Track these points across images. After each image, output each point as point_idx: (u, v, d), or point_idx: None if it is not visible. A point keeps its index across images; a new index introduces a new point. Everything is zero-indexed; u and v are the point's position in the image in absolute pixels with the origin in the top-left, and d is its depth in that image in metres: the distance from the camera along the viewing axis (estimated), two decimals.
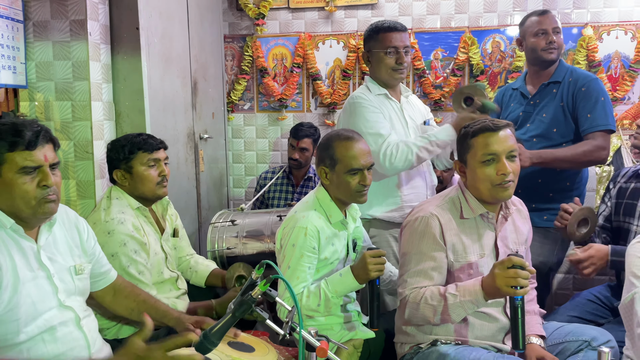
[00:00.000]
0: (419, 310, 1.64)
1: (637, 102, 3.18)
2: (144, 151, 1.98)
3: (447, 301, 1.60)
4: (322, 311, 1.77)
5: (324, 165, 1.87)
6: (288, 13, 3.57)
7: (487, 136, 1.68)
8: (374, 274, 1.72)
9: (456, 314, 1.60)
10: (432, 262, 1.68)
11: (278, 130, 3.68)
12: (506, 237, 1.80)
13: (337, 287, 1.76)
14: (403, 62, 2.32)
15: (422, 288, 1.66)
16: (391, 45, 2.31)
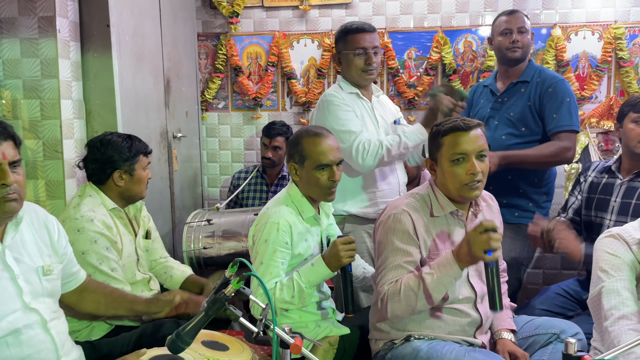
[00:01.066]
0: (402, 301, 1.63)
1: (604, 101, 3.27)
2: (145, 155, 2.05)
3: (425, 282, 1.61)
4: (296, 303, 1.76)
5: (294, 162, 1.87)
6: (262, 12, 3.56)
7: (458, 135, 1.69)
8: (345, 260, 1.74)
9: (437, 291, 1.60)
10: (407, 256, 1.70)
11: (253, 129, 3.67)
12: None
13: (309, 277, 1.76)
14: (372, 63, 2.34)
15: (399, 279, 1.67)
16: (359, 47, 2.33)
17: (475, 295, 1.77)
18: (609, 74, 3.27)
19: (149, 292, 2.07)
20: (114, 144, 1.98)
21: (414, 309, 1.64)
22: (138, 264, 2.06)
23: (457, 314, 1.75)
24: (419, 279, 1.63)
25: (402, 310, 1.65)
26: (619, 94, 3.27)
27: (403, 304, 1.63)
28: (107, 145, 1.98)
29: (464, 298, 1.75)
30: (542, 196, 2.58)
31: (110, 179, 1.98)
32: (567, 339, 1.19)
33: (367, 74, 2.37)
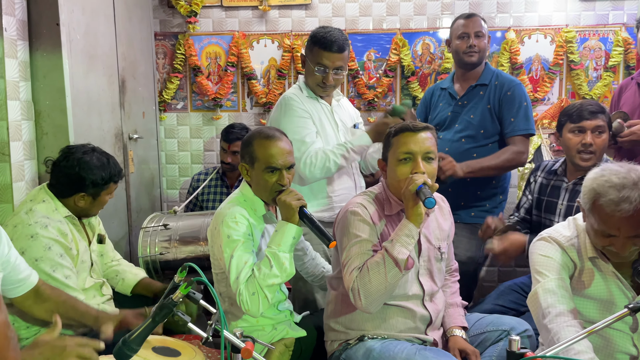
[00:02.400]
0: (372, 280, 1.63)
1: (556, 103, 3.38)
2: (115, 183, 2.00)
3: (387, 250, 1.63)
4: (279, 272, 1.69)
5: (245, 162, 1.86)
6: (221, 11, 3.52)
7: (406, 136, 1.74)
8: (295, 203, 1.73)
9: (401, 253, 1.61)
10: (368, 244, 1.72)
11: (213, 130, 3.63)
12: (428, 233, 1.85)
13: (278, 241, 1.72)
14: (328, 83, 2.31)
15: (364, 264, 1.68)
16: (321, 63, 2.29)
17: (424, 293, 1.81)
18: (561, 76, 3.38)
19: (101, 297, 2.03)
20: (90, 168, 1.91)
21: (386, 285, 1.62)
22: (91, 270, 2.01)
23: (406, 313, 1.78)
24: (381, 253, 1.66)
25: (375, 289, 1.63)
26: (570, 96, 3.39)
27: (374, 282, 1.63)
28: (82, 166, 1.90)
29: (413, 295, 1.79)
30: (497, 197, 2.65)
31: (72, 197, 1.93)
32: (511, 336, 1.22)
33: (321, 90, 2.36)
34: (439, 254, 1.86)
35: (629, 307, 1.29)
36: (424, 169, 1.70)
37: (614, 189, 1.42)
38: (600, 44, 3.33)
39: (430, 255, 1.84)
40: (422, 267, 1.82)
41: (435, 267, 1.85)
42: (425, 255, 1.83)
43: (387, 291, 1.65)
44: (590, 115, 2.12)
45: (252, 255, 1.75)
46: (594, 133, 2.12)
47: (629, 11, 3.28)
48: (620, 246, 1.49)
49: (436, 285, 1.85)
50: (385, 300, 1.70)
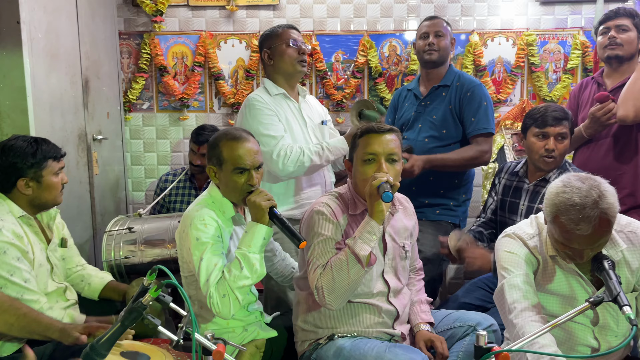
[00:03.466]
0: (335, 278, 1.66)
1: (518, 104, 3.47)
2: (54, 160, 1.92)
3: (349, 247, 1.66)
4: (249, 274, 1.69)
5: (212, 165, 1.85)
6: (188, 11, 3.48)
7: (370, 137, 1.79)
8: (265, 203, 1.73)
9: (362, 249, 1.64)
10: (332, 242, 1.76)
11: (180, 131, 3.58)
12: (393, 232, 1.89)
13: (248, 242, 1.72)
14: (305, 53, 2.40)
15: (328, 262, 1.71)
16: (292, 38, 2.39)
17: (389, 290, 1.85)
18: (522, 78, 3.48)
19: (65, 302, 1.97)
20: (16, 150, 1.86)
21: (349, 281, 1.66)
22: (52, 274, 1.95)
23: (372, 310, 1.82)
24: (344, 250, 1.69)
25: (339, 287, 1.66)
26: (532, 97, 3.49)
27: (338, 279, 1.66)
28: (8, 152, 1.85)
29: (378, 292, 1.83)
30: (461, 195, 2.71)
31: (15, 187, 1.87)
32: (478, 331, 1.25)
33: (301, 66, 2.40)
34: (403, 252, 1.91)
35: (589, 301, 1.34)
36: (387, 170, 1.75)
37: (575, 209, 1.46)
38: (559, 47, 3.45)
39: (395, 253, 1.88)
40: (387, 265, 1.86)
41: (400, 265, 1.89)
42: (390, 253, 1.87)
43: (350, 288, 1.68)
44: (555, 122, 2.18)
45: (221, 257, 1.73)
46: (557, 139, 2.19)
47: (587, 15, 3.40)
48: (578, 255, 1.55)
49: (401, 282, 1.90)
50: (348, 297, 1.73)
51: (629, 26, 2.43)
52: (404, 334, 1.85)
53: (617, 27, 2.44)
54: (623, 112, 2.31)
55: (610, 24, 2.46)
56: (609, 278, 1.41)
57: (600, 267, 1.48)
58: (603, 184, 1.50)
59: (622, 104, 2.31)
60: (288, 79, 2.43)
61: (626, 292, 1.65)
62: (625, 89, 2.32)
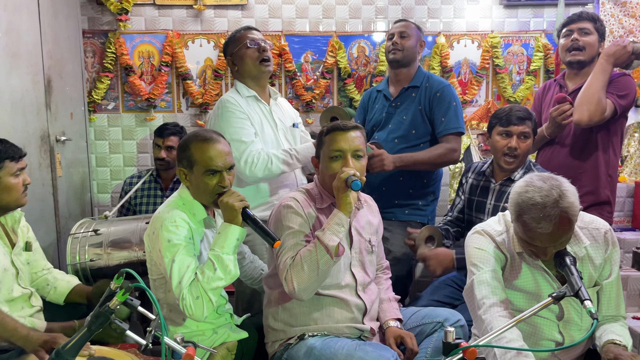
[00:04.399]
0: (304, 268, 1.71)
1: (483, 105, 3.55)
2: (12, 160, 1.86)
3: (318, 238, 1.72)
4: (223, 275, 1.67)
5: (183, 167, 1.83)
6: (154, 9, 3.43)
7: (337, 134, 1.85)
8: (238, 204, 1.72)
9: (331, 240, 1.71)
10: (301, 235, 1.80)
11: (146, 131, 3.52)
12: (360, 227, 1.94)
13: (222, 244, 1.70)
14: (265, 51, 2.39)
15: (298, 253, 1.75)
16: (252, 40, 2.39)
17: (356, 283, 1.88)
18: (487, 79, 3.56)
19: (30, 308, 1.92)
20: None
21: (318, 272, 1.71)
22: (17, 278, 1.90)
23: (341, 304, 1.85)
24: (313, 240, 1.75)
25: (308, 276, 1.71)
26: (496, 98, 3.57)
27: (307, 269, 1.71)
28: None
29: (346, 285, 1.86)
30: (430, 195, 2.75)
31: None
32: (448, 327, 1.28)
33: (264, 66, 2.39)
34: (369, 246, 1.95)
35: (552, 296, 1.38)
36: (353, 165, 1.81)
37: (536, 208, 1.51)
38: (522, 49, 3.54)
39: (361, 247, 1.93)
40: (354, 259, 1.90)
41: (366, 259, 1.94)
42: (356, 247, 1.91)
43: (319, 278, 1.73)
44: (518, 121, 2.25)
45: (194, 259, 1.72)
46: (519, 138, 2.25)
47: (548, 19, 3.50)
48: (542, 252, 1.60)
49: (368, 276, 1.93)
50: (317, 287, 1.77)
51: (590, 30, 2.50)
52: (373, 329, 1.88)
53: (579, 30, 2.50)
54: (578, 116, 2.39)
55: (573, 26, 2.53)
56: (571, 273, 1.45)
57: (563, 263, 1.52)
58: (564, 184, 1.55)
59: (577, 108, 2.39)
60: (256, 81, 2.43)
61: (589, 286, 1.71)
62: (580, 94, 2.40)
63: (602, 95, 2.35)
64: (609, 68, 2.36)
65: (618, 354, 1.52)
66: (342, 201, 1.74)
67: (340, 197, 1.74)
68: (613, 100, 2.40)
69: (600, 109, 2.35)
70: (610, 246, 1.72)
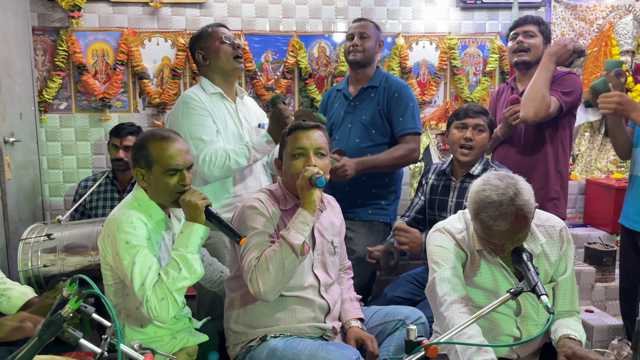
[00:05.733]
0: (270, 268, 1.68)
1: (441, 105, 3.61)
2: None
3: (283, 237, 1.70)
4: (188, 275, 1.64)
5: (140, 167, 1.77)
6: (108, 7, 3.33)
7: (298, 133, 1.85)
8: (201, 202, 1.69)
9: (296, 239, 1.70)
10: (266, 235, 1.78)
11: (101, 132, 3.41)
12: (322, 228, 1.93)
13: (185, 243, 1.67)
14: (240, 48, 2.38)
15: (262, 254, 1.73)
16: (226, 36, 2.37)
17: (319, 284, 1.88)
18: (445, 80, 3.62)
19: None
20: None
21: (284, 271, 1.69)
22: None
23: (304, 302, 1.84)
24: (278, 240, 1.73)
25: (274, 276, 1.69)
26: (454, 99, 3.64)
27: (272, 269, 1.69)
28: None
29: (309, 285, 1.86)
30: (392, 194, 2.78)
31: None
32: (409, 325, 1.29)
33: (238, 62, 2.38)
34: (332, 247, 1.95)
35: (510, 292, 1.41)
36: (316, 163, 1.80)
37: (493, 206, 1.55)
38: (478, 51, 3.62)
39: (323, 249, 1.92)
40: (316, 260, 1.90)
41: (329, 260, 1.93)
42: (319, 248, 1.90)
43: (285, 277, 1.71)
44: (474, 114, 2.36)
45: (155, 259, 1.67)
46: (475, 130, 2.34)
47: (503, 21, 3.60)
48: (500, 249, 1.64)
49: (330, 277, 1.93)
50: (282, 287, 1.75)
51: (535, 32, 2.62)
52: (335, 328, 1.88)
53: (524, 33, 2.62)
54: (524, 113, 2.49)
55: (518, 30, 2.65)
56: (527, 269, 1.49)
57: (519, 259, 1.56)
58: (520, 182, 1.59)
59: (523, 106, 2.49)
60: (226, 77, 2.40)
61: (545, 283, 1.76)
62: (526, 92, 2.50)
63: (545, 92, 2.45)
64: (551, 66, 2.46)
65: (574, 349, 1.57)
66: (306, 199, 1.73)
67: (304, 195, 1.74)
68: (558, 97, 2.49)
69: (545, 105, 2.44)
70: (565, 243, 1.77)
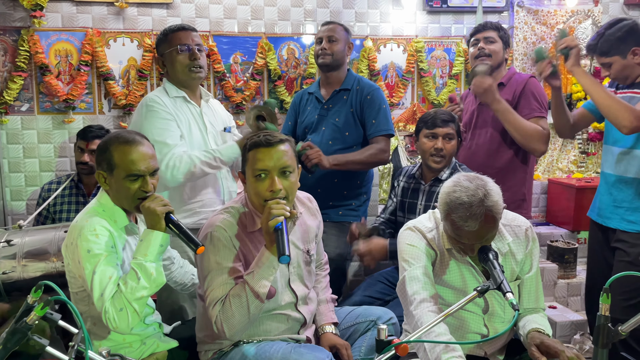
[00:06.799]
0: (235, 314, 1.61)
1: (409, 107, 3.66)
2: None
3: (248, 283, 1.61)
4: (147, 284, 1.60)
5: (102, 170, 1.73)
6: (72, 6, 3.25)
7: (261, 152, 1.67)
8: (160, 209, 1.64)
9: (261, 286, 1.60)
10: (231, 273, 1.68)
11: (65, 134, 3.32)
12: (296, 239, 1.85)
13: (144, 251, 1.62)
14: (197, 58, 2.31)
15: (227, 296, 1.64)
16: (182, 43, 2.30)
17: (297, 299, 1.83)
18: (413, 83, 3.68)
19: None
20: None
21: (249, 315, 1.62)
22: None
23: (281, 319, 1.80)
24: (242, 285, 1.63)
25: (238, 321, 1.62)
26: (421, 101, 3.70)
27: (237, 315, 1.61)
28: None
29: (286, 303, 1.80)
30: (362, 196, 2.81)
31: None
32: (379, 325, 1.30)
33: (194, 73, 2.32)
34: (308, 257, 1.88)
35: (477, 290, 1.45)
36: (281, 184, 1.66)
37: (463, 207, 1.58)
38: (445, 54, 3.69)
39: (299, 260, 1.85)
40: (292, 274, 1.83)
41: (305, 270, 1.87)
42: (294, 262, 1.83)
43: (251, 320, 1.65)
44: (442, 124, 2.40)
45: (116, 269, 1.63)
46: (445, 139, 2.39)
47: (468, 25, 3.68)
48: (469, 249, 1.67)
49: (307, 288, 1.88)
50: (250, 326, 1.69)
51: (495, 38, 2.69)
52: (309, 337, 1.85)
53: (485, 39, 2.69)
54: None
55: (479, 36, 2.72)
56: (493, 267, 1.53)
57: (486, 258, 1.60)
58: (489, 183, 1.63)
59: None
60: (185, 86, 2.36)
61: (511, 281, 1.81)
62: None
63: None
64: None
65: (543, 339, 1.63)
66: (267, 238, 1.60)
67: (270, 240, 1.59)
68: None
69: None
70: (530, 242, 1.83)
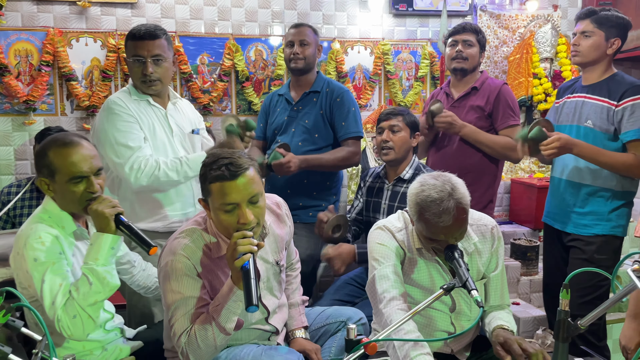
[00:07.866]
0: (201, 347, 1.56)
1: (376, 109, 3.71)
2: None
3: (214, 317, 1.56)
4: (101, 288, 1.55)
5: (43, 177, 1.65)
6: (32, 5, 3.16)
7: (224, 185, 1.56)
8: (109, 211, 1.60)
9: (228, 320, 1.55)
10: (196, 302, 1.61)
11: (25, 136, 3.23)
12: (264, 253, 1.79)
13: (95, 256, 1.57)
14: (147, 73, 2.19)
15: (192, 327, 1.58)
16: (135, 54, 2.19)
17: (268, 313, 1.79)
18: (380, 85, 3.72)
19: None
20: None
21: (216, 346, 1.58)
22: None
23: (250, 333, 1.78)
24: (207, 318, 1.57)
25: (205, 352, 1.58)
26: (388, 103, 3.75)
27: (203, 348, 1.56)
28: None
29: (257, 320, 1.77)
30: (332, 197, 2.83)
31: None
32: (349, 325, 1.32)
33: (146, 85, 2.22)
34: (277, 268, 1.83)
35: (443, 288, 1.48)
36: (251, 214, 1.57)
37: (435, 203, 1.60)
38: (411, 57, 3.75)
39: (269, 274, 1.80)
40: (263, 290, 1.78)
41: (274, 282, 1.83)
42: (264, 276, 1.78)
43: (218, 350, 1.61)
44: (386, 117, 2.47)
45: (66, 275, 1.57)
46: (390, 131, 2.44)
47: (433, 28, 3.74)
48: (444, 247, 1.68)
49: (278, 297, 1.85)
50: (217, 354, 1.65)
51: (473, 42, 2.70)
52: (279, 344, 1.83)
53: (463, 42, 2.68)
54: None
55: (457, 37, 2.71)
56: (459, 266, 1.57)
57: (451, 256, 1.63)
58: (453, 178, 1.67)
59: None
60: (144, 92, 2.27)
61: (477, 279, 1.85)
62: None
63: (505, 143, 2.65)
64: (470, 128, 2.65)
65: (506, 337, 1.67)
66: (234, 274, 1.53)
67: (235, 277, 1.52)
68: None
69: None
70: (496, 241, 1.88)
